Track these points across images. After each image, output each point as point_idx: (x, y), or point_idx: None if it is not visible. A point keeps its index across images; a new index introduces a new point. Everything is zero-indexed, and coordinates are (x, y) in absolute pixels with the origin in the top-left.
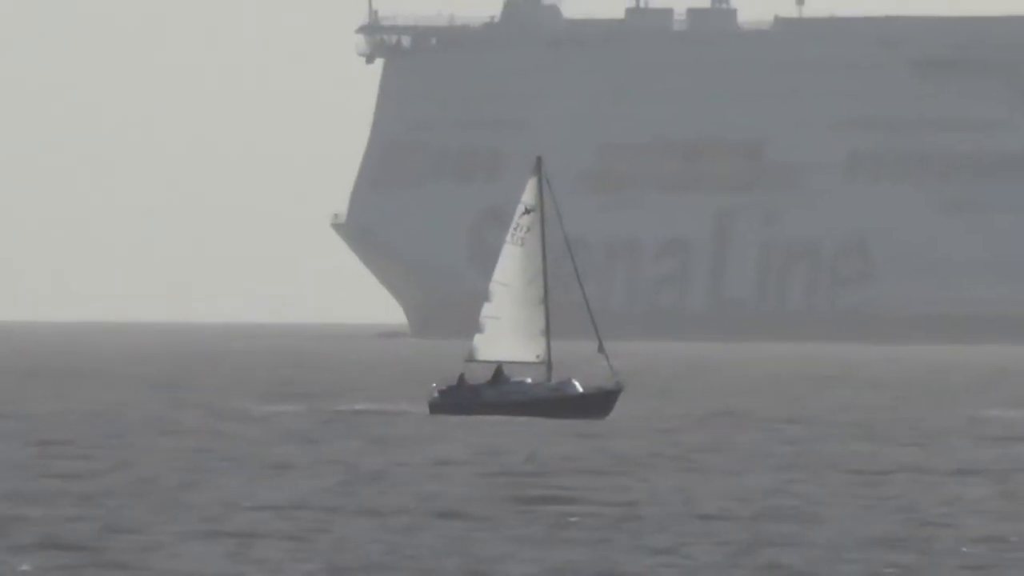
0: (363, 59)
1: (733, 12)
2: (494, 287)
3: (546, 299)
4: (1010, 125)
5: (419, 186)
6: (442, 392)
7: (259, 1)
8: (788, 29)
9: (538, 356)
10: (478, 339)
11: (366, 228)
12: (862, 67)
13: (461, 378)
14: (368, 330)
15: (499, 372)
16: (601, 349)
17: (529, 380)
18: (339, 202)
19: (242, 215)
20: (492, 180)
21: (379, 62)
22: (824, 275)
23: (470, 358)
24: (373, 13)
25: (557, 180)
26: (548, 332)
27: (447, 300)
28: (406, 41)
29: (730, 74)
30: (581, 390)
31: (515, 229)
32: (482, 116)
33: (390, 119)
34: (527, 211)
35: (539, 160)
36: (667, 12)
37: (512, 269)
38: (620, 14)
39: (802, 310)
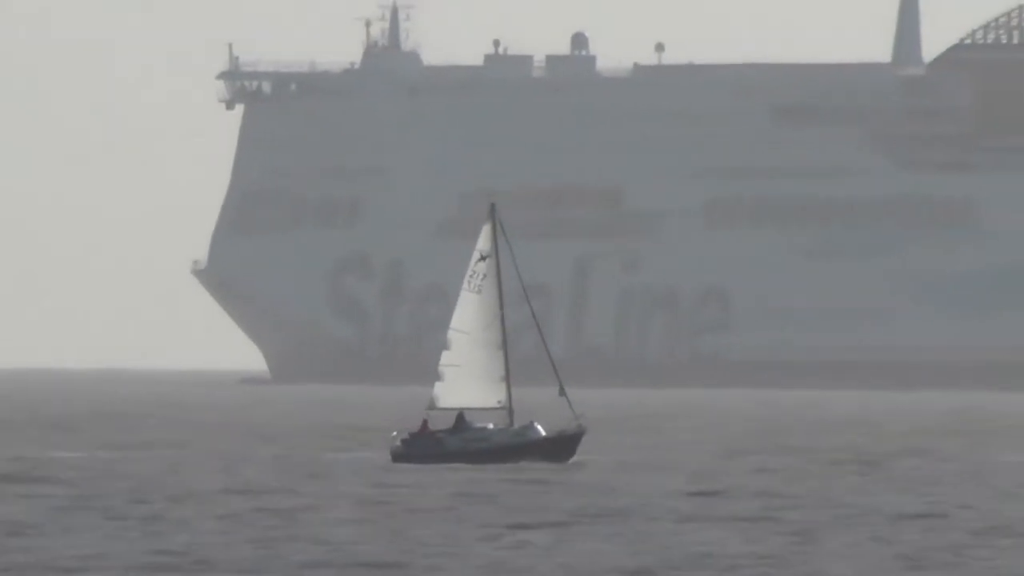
0: (223, 105)
1: (592, 59)
2: (452, 335)
3: (505, 344)
4: (865, 171)
5: (279, 233)
6: (404, 441)
7: (121, 46)
8: (647, 76)
9: (499, 402)
10: (439, 387)
11: (226, 274)
12: (720, 114)
13: (424, 425)
14: (231, 376)
15: (461, 419)
16: (562, 393)
17: (491, 426)
18: (200, 248)
19: (103, 261)
20: (352, 227)
21: (239, 108)
22: (683, 321)
23: (431, 406)
24: (234, 59)
25: (416, 227)
26: (508, 377)
27: (308, 346)
28: (266, 87)
29: (589, 121)
30: (544, 434)
31: (471, 276)
32: (342, 162)
33: (250, 165)
34: (482, 258)
35: (493, 206)
36: (526, 59)
37: (469, 316)
38: (479, 60)
39: (661, 356)
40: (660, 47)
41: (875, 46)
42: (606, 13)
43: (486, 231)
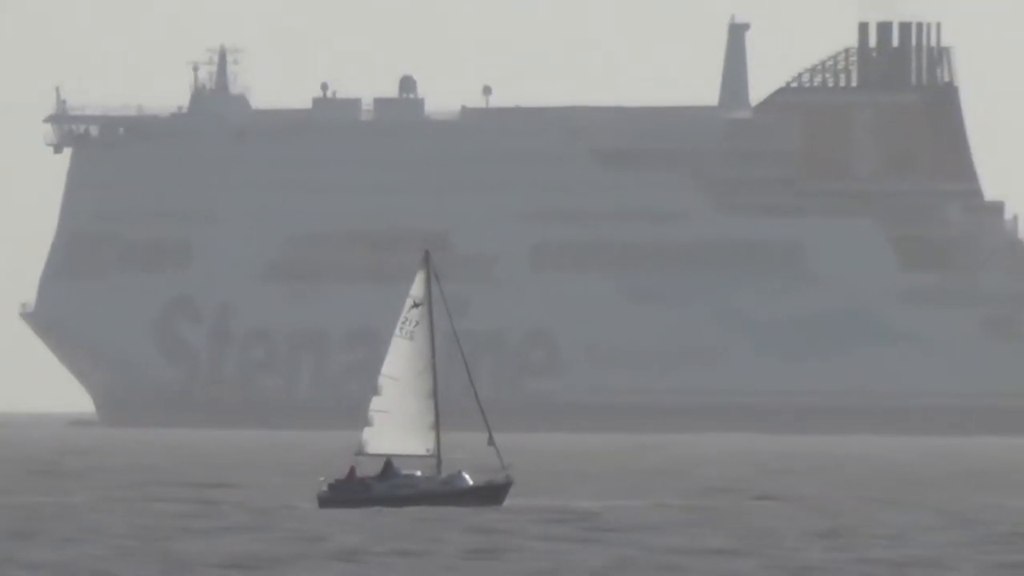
0: (51, 148)
1: (420, 102)
2: (383, 380)
3: (436, 392)
4: (691, 215)
5: (107, 276)
6: (331, 486)
7: None
8: (474, 119)
9: (428, 450)
10: (367, 432)
11: (54, 317)
12: (547, 157)
13: (351, 471)
14: (59, 419)
15: (388, 465)
16: (491, 442)
17: (419, 473)
18: (28, 291)
19: None
20: (181, 270)
21: (67, 152)
22: (511, 364)
23: (360, 451)
24: (61, 103)
25: (244, 270)
26: (438, 425)
27: (136, 389)
28: (94, 131)
29: (417, 164)
30: (471, 483)
31: (403, 323)
32: (170, 206)
33: (78, 209)
34: (415, 304)
35: (427, 253)
36: (355, 102)
37: (401, 362)
38: (308, 104)
39: (489, 399)
40: (487, 90)
41: (702, 89)
42: (434, 56)
43: (420, 278)
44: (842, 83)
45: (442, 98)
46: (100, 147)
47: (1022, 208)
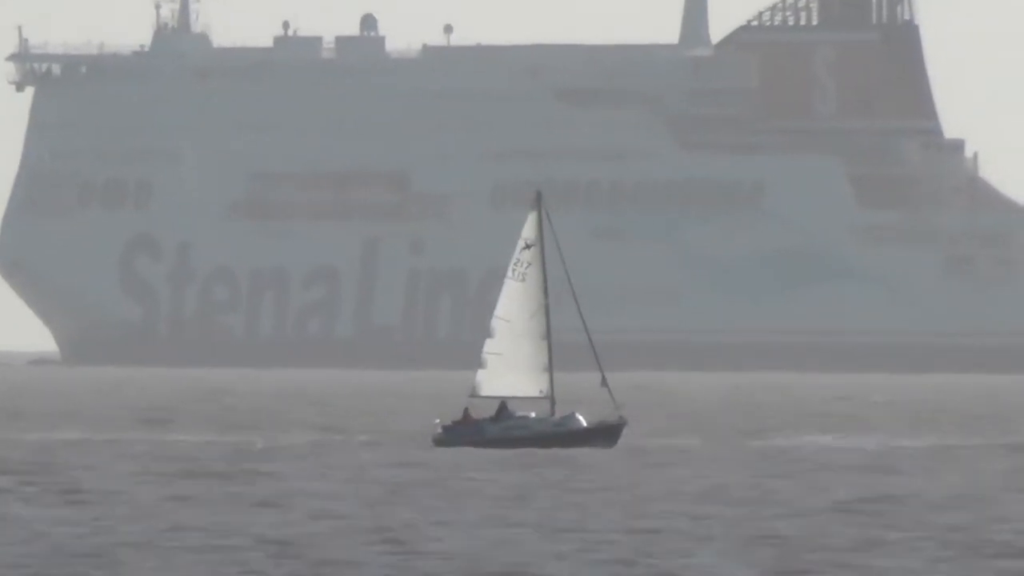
0: (13, 87)
1: (381, 40)
2: (496, 323)
3: (549, 334)
4: (652, 153)
5: (69, 214)
6: (446, 428)
7: None
8: (436, 58)
9: (541, 391)
10: (481, 375)
11: (16, 256)
12: (508, 96)
13: (466, 413)
14: (20, 357)
15: (503, 407)
16: (604, 383)
17: (533, 415)
18: None
19: None
20: (142, 209)
21: (29, 90)
22: (470, 303)
23: (473, 394)
24: (23, 41)
25: (205, 209)
26: (551, 367)
27: (98, 328)
28: (56, 69)
29: (378, 103)
30: (585, 424)
31: (515, 264)
32: (132, 145)
33: (40, 147)
34: (527, 246)
35: (539, 194)
36: (315, 40)
37: (513, 305)
38: (269, 42)
39: (450, 337)
40: (448, 28)
41: (662, 28)
42: None
43: (532, 219)
44: (802, 21)
45: (403, 36)
46: (62, 86)
47: (982, 146)
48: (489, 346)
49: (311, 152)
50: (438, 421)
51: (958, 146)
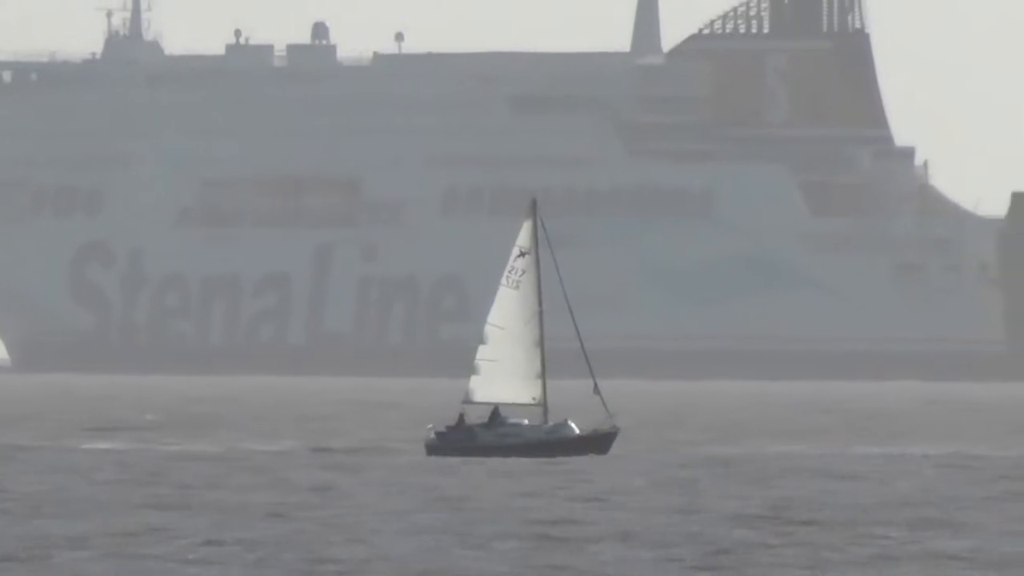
0: None
1: (333, 48)
2: (489, 329)
3: (542, 341)
4: (603, 161)
5: (21, 222)
6: (439, 433)
7: None
8: (387, 65)
9: (534, 398)
10: (474, 381)
11: None
12: (459, 103)
13: (460, 419)
14: None
15: (496, 414)
16: (597, 391)
17: (526, 421)
18: None
19: None
20: (94, 215)
21: None
22: (422, 309)
23: (467, 400)
24: None
25: (157, 216)
26: (544, 374)
27: (50, 335)
28: (7, 77)
29: (329, 110)
30: (578, 432)
31: (510, 272)
32: (83, 152)
33: None
34: (522, 253)
35: (534, 202)
36: (267, 48)
37: (508, 311)
38: (221, 50)
39: (401, 344)
40: (400, 36)
41: (614, 35)
42: (346, 3)
43: (527, 227)
44: (754, 30)
45: (354, 44)
46: (13, 93)
47: (932, 153)
48: (482, 352)
49: (263, 159)
50: (431, 426)
51: (908, 154)
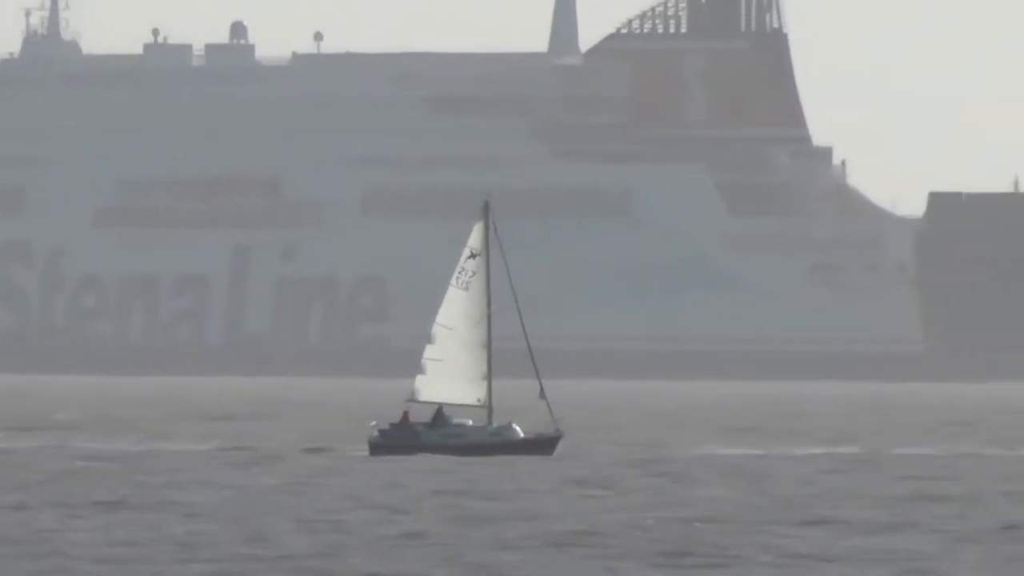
0: None
1: (251, 48)
2: (437, 329)
3: (489, 343)
4: (522, 161)
5: None
6: (382, 431)
7: None
8: (305, 65)
9: (479, 399)
10: (420, 380)
11: None
12: (378, 103)
13: (404, 416)
14: None
15: (439, 413)
16: (543, 395)
17: (470, 422)
18: None
19: None
20: (13, 215)
21: None
22: (341, 310)
23: (412, 398)
24: None
25: (76, 216)
26: (490, 376)
27: None
28: None
29: (248, 110)
30: (522, 435)
31: (460, 273)
32: (2, 151)
33: None
34: (472, 255)
35: (487, 204)
36: (186, 48)
37: (456, 312)
38: (139, 50)
39: (320, 344)
40: (319, 36)
41: (532, 36)
42: (265, 2)
43: (478, 229)
44: (672, 29)
45: (273, 44)
46: None
47: (850, 153)
48: (429, 352)
49: (181, 160)
50: (374, 423)
51: (826, 153)
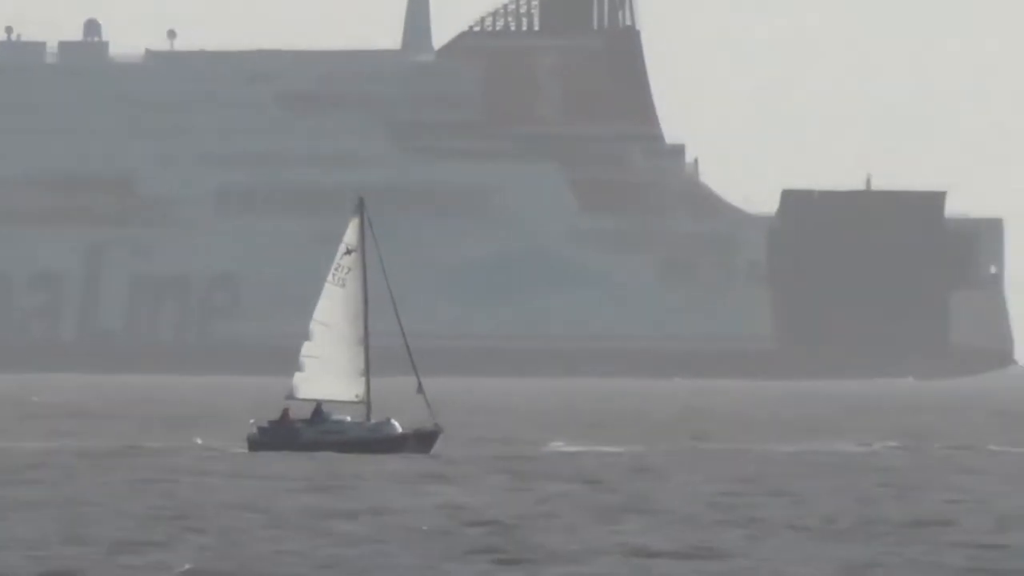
0: None
1: (104, 45)
2: (314, 326)
3: (367, 339)
4: (375, 158)
5: None
6: (261, 429)
7: None
8: (159, 63)
9: (357, 395)
10: (298, 377)
11: None
12: (231, 101)
13: (284, 413)
14: None
15: (318, 410)
16: (420, 390)
17: (349, 419)
18: None
19: None
20: None
21: None
22: (194, 308)
23: (290, 396)
24: None
25: None
26: (368, 372)
27: None
28: None
29: (101, 108)
30: (400, 431)
31: (336, 269)
32: None
33: None
34: (348, 251)
35: (362, 201)
36: (39, 45)
37: (333, 309)
38: None
39: (173, 342)
40: (172, 34)
41: (385, 33)
42: (119, 0)
43: (354, 224)
44: (524, 27)
45: (127, 42)
46: None
47: (703, 152)
48: (307, 349)
49: (35, 157)
50: (253, 421)
51: (679, 151)
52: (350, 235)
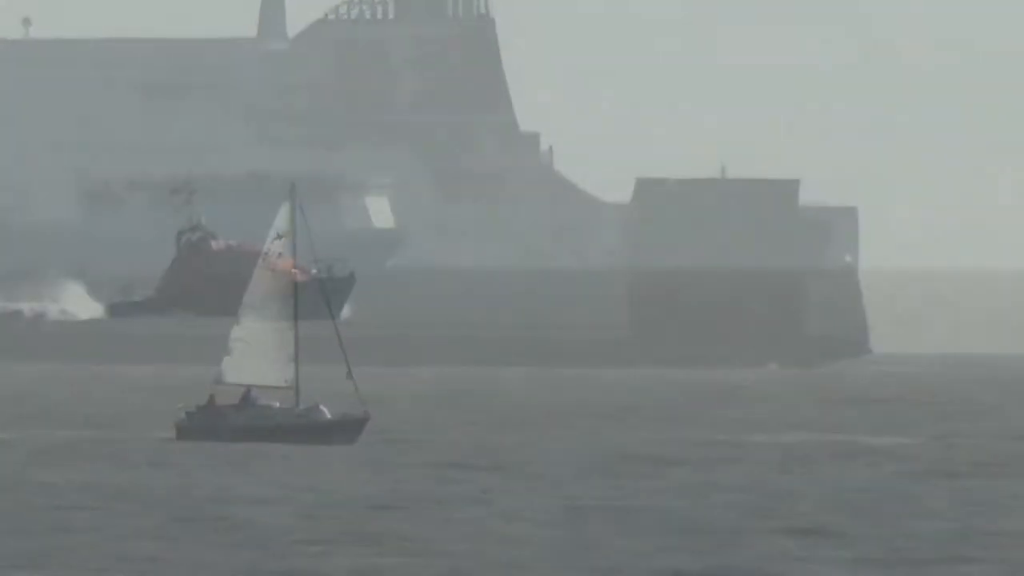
0: None
1: None
2: (244, 310)
3: (296, 324)
4: (232, 148)
5: None
6: (189, 414)
7: None
8: (12, 51)
9: (286, 381)
10: (226, 361)
11: None
12: (87, 91)
13: (211, 400)
14: None
15: (246, 396)
16: (350, 376)
17: (277, 404)
18: None
19: None
20: None
21: None
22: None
23: (218, 380)
24: None
25: None
26: (297, 357)
27: None
28: None
29: None
30: (329, 417)
31: (266, 254)
32: None
33: None
34: (279, 236)
35: (293, 186)
36: None
37: (262, 293)
38: None
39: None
40: (27, 22)
41: (241, 21)
42: None
43: (285, 209)
44: (379, 15)
45: None
46: None
47: (557, 140)
48: (235, 332)
49: None
50: (181, 406)
51: (533, 140)
52: (280, 220)
